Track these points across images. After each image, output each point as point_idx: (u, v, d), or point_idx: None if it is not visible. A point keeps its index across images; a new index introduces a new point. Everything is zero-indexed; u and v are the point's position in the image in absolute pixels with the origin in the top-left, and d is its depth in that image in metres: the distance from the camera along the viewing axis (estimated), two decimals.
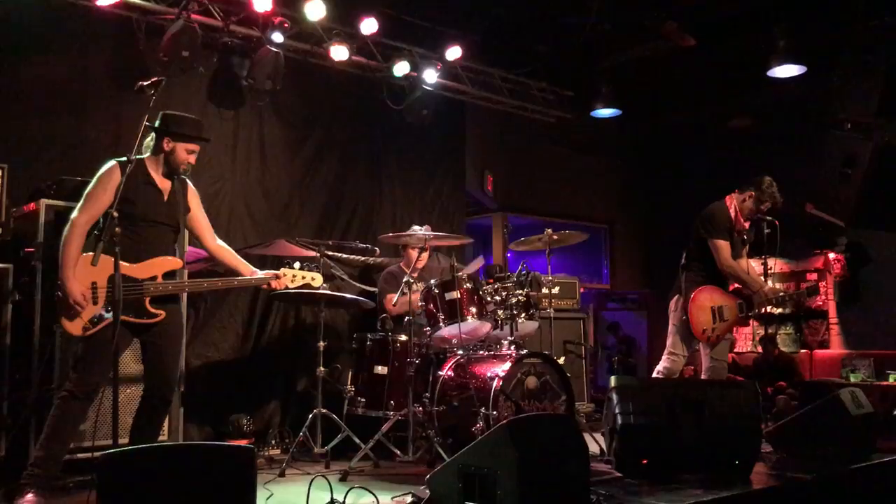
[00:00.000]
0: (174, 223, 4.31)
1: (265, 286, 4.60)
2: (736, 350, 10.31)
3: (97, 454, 3.40)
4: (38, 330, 4.62)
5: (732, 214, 5.78)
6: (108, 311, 4.02)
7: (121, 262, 3.93)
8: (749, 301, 5.72)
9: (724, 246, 5.64)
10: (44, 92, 5.58)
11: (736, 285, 5.83)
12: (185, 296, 5.30)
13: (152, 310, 4.13)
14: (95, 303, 4.01)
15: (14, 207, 4.94)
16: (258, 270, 4.50)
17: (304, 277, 4.57)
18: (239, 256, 4.57)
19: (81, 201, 4.08)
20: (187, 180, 4.46)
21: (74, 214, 4.05)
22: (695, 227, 5.82)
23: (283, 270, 4.52)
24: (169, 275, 4.22)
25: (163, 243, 4.24)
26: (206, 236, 4.48)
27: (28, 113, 5.51)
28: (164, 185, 4.28)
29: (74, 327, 3.98)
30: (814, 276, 10.11)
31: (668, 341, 5.75)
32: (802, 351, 9.94)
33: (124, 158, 3.99)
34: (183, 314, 4.36)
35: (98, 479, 2.65)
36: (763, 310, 5.83)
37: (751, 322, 10.20)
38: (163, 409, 4.29)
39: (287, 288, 4.58)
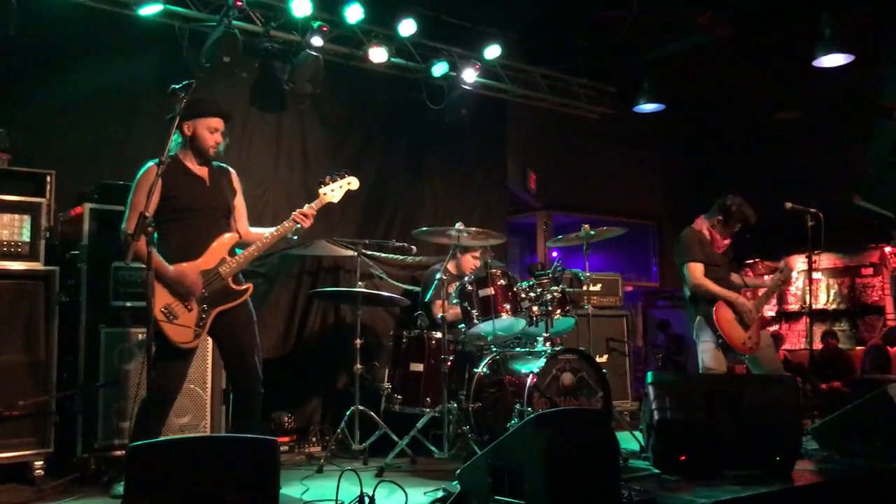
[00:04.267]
0: (224, 207, 4.33)
1: (296, 225, 4.40)
2: (788, 347, 10.11)
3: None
4: (84, 329, 4.78)
5: (707, 236, 5.77)
6: (204, 311, 4.11)
7: (187, 263, 4.10)
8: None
9: (694, 266, 5.65)
10: (91, 99, 5.76)
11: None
12: None
13: (239, 287, 4.23)
14: (190, 310, 4.08)
15: (61, 212, 5.11)
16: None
17: (340, 187, 4.58)
18: (268, 229, 4.48)
19: (126, 210, 4.13)
20: (229, 168, 4.48)
21: (122, 225, 4.10)
22: (676, 264, 5.87)
23: (320, 191, 4.51)
24: (232, 251, 4.26)
25: (217, 229, 4.27)
26: (240, 225, 4.45)
27: (76, 120, 5.69)
28: (203, 172, 4.31)
29: (184, 336, 4.05)
30: (869, 271, 9.85)
31: (705, 357, 5.66)
32: (858, 347, 9.68)
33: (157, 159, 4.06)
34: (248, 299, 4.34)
35: (126, 470, 2.73)
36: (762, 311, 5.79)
37: (804, 319, 10.01)
38: (254, 401, 4.26)
39: (331, 203, 4.56)
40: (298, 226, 4.39)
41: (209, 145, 4.25)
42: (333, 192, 4.57)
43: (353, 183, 4.65)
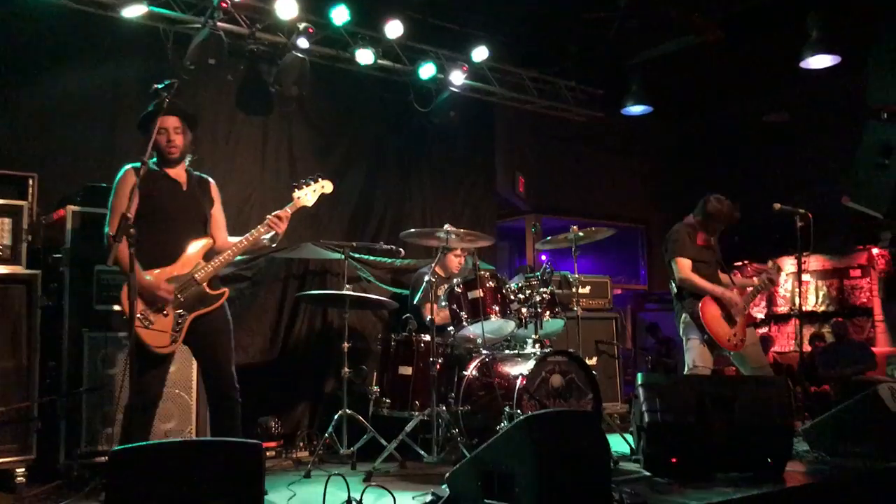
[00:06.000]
0: (200, 213, 4.32)
1: (270, 230, 4.32)
2: (778, 349, 10.12)
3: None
4: (67, 334, 4.72)
5: (695, 233, 5.83)
6: (181, 316, 4.08)
7: (161, 268, 4.09)
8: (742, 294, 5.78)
9: (681, 261, 5.70)
10: (74, 102, 5.70)
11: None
12: None
13: (215, 292, 4.22)
14: (166, 315, 4.06)
15: (44, 215, 5.03)
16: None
17: (314, 191, 4.55)
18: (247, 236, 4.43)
19: (108, 214, 4.13)
20: (209, 178, 4.48)
21: (105, 229, 4.10)
22: (664, 259, 5.92)
23: (294, 195, 4.48)
24: (208, 255, 4.24)
25: (193, 234, 4.25)
26: (219, 235, 4.42)
27: (60, 123, 5.62)
28: (180, 178, 4.32)
29: (161, 341, 4.02)
30: (857, 273, 9.87)
31: (692, 355, 5.66)
32: None
33: (138, 163, 4.01)
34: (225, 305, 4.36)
35: (107, 475, 2.67)
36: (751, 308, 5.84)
37: (793, 321, 10.03)
38: (231, 406, 4.23)
39: (305, 206, 4.53)
40: (273, 232, 4.33)
41: (163, 147, 4.19)
42: (307, 195, 4.55)
43: (326, 186, 4.64)
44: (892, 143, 6.08)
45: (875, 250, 9.60)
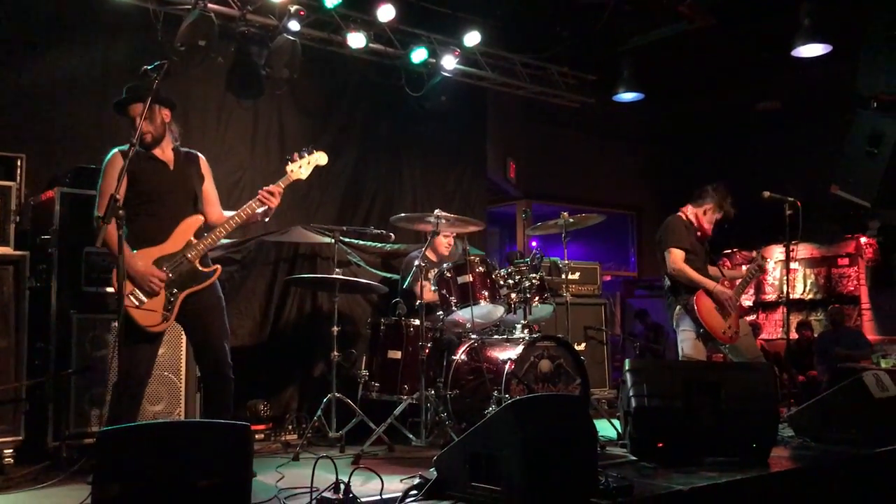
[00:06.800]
0: (189, 191, 4.31)
1: (262, 205, 4.31)
2: (765, 337, 10.19)
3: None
4: (55, 315, 4.71)
5: (695, 223, 5.85)
6: (172, 294, 4.10)
7: (152, 247, 4.11)
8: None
9: (675, 252, 5.70)
10: (64, 83, 5.66)
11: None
12: None
13: (206, 269, 4.23)
14: (157, 293, 4.07)
15: (32, 196, 5.02)
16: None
17: (308, 163, 4.51)
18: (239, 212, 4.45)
19: (97, 197, 4.13)
20: (198, 154, 4.49)
21: (95, 213, 4.11)
22: (658, 249, 5.92)
23: (288, 168, 4.45)
24: (198, 233, 4.26)
25: (183, 213, 4.26)
26: (211, 210, 4.44)
27: (49, 103, 5.59)
28: (167, 157, 4.31)
29: (152, 320, 4.03)
30: (845, 261, 9.94)
31: (685, 346, 5.69)
32: None
33: (125, 146, 4.00)
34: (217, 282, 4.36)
35: (96, 455, 2.68)
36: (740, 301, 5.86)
37: (780, 309, 10.09)
38: (225, 386, 4.25)
39: (299, 180, 4.50)
40: (266, 207, 4.32)
41: (142, 134, 4.14)
42: (301, 168, 4.51)
43: (321, 158, 4.59)
44: (882, 131, 6.08)
45: (863, 239, 9.67)
